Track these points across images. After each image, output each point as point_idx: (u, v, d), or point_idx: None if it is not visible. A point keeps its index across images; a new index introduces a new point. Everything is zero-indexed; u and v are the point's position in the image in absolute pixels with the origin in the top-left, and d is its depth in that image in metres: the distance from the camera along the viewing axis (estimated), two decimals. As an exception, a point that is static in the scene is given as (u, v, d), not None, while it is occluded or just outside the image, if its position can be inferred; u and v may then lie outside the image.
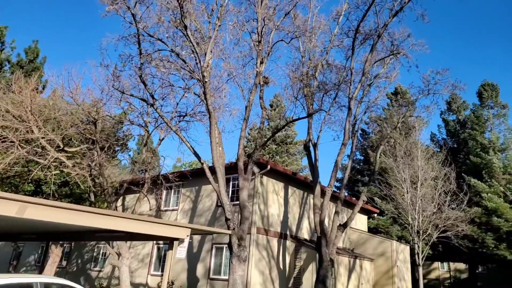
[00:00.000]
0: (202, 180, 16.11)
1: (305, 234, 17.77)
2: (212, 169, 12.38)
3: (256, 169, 15.17)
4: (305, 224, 17.97)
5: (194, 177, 16.98)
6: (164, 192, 18.28)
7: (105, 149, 15.37)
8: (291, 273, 15.85)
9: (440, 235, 24.42)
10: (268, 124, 34.51)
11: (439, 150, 31.11)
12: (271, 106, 34.86)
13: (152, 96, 13.52)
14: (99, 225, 7.35)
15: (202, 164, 12.83)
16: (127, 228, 7.91)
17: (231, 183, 15.95)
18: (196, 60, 12.76)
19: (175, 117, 16.39)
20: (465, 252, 28.34)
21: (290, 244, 16.37)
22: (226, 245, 13.37)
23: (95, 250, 20.36)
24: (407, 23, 34.98)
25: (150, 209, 18.45)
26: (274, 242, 15.71)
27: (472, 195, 26.84)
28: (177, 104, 16.44)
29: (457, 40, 77.07)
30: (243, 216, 12.01)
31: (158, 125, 16.13)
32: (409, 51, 16.55)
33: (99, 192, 16.12)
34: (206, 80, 12.27)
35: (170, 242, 9.29)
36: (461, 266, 37.56)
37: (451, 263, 37.92)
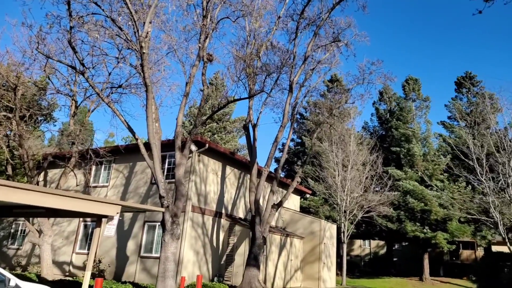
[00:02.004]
0: (137, 156, 15.48)
1: (240, 213, 18.04)
2: (148, 145, 11.91)
3: (194, 147, 14.93)
4: (241, 203, 18.22)
5: (127, 152, 16.24)
6: (94, 168, 17.27)
7: (26, 118, 13.98)
8: (224, 250, 16.07)
9: (364, 215, 26.40)
10: (208, 102, 34.01)
11: (370, 137, 33.20)
12: (211, 84, 34.31)
13: (82, 64, 12.48)
14: (16, 200, 6.71)
15: (137, 139, 12.28)
16: (48, 204, 7.34)
17: (167, 160, 15.53)
18: (134, 28, 11.96)
19: (107, 88, 15.40)
20: (385, 231, 31.01)
21: (225, 222, 16.53)
22: (159, 223, 13.10)
23: (13, 226, 18.78)
24: (351, 15, 36.11)
25: (77, 185, 17.36)
26: (209, 220, 15.75)
27: (394, 179, 29.18)
28: (110, 74, 15.44)
29: (393, 32, 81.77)
30: (178, 194, 11.80)
31: (88, 96, 15.03)
32: (351, 40, 17.14)
33: (19, 165, 14.75)
34: (144, 51, 11.60)
35: (97, 219, 8.82)
36: (380, 243, 41.11)
37: (372, 241, 41.30)
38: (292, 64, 16.36)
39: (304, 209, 29.01)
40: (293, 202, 23.39)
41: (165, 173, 15.34)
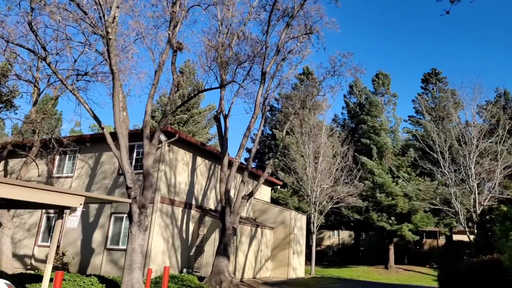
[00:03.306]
0: (103, 146, 15.00)
1: (211, 204, 17.94)
2: (115, 135, 11.54)
3: (163, 138, 14.65)
4: (211, 194, 18.11)
5: (93, 142, 15.72)
6: (58, 158, 16.61)
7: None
8: (194, 241, 15.97)
9: (334, 206, 26.96)
10: (177, 91, 33.39)
11: (341, 130, 33.80)
12: (181, 73, 33.69)
13: (44, 49, 11.89)
14: (-31, 191, 6.33)
15: (103, 128, 11.87)
16: (7, 195, 6.98)
17: (135, 150, 15.16)
18: (100, 13, 11.47)
19: (72, 75, 14.79)
20: (353, 221, 31.85)
21: (195, 213, 16.39)
22: (126, 215, 12.80)
23: (-30, 219, 17.82)
24: (324, 7, 36.35)
25: (39, 175, 16.67)
26: (179, 211, 15.56)
27: (364, 172, 29.92)
28: (76, 61, 14.84)
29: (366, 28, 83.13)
30: (146, 185, 11.55)
31: (52, 83, 14.37)
32: (322, 29, 17.20)
33: (-25, 154, 13.97)
34: (111, 37, 11.16)
35: (60, 211, 8.51)
36: (349, 233, 42.23)
37: (341, 231, 42.35)
38: (265, 55, 16.28)
39: (274, 201, 29.27)
40: (264, 193, 23.52)
41: (133, 163, 15.00)
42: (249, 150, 34.88)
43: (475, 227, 18.05)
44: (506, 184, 22.30)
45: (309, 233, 25.56)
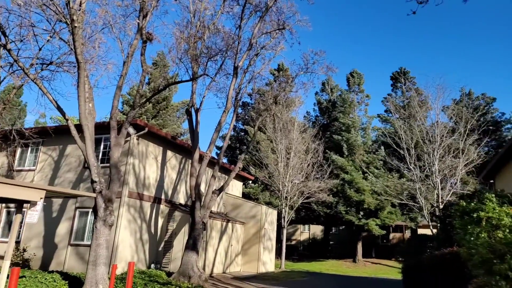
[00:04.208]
0: (68, 139, 14.45)
1: (181, 198, 17.72)
2: (80, 127, 11.15)
3: (132, 130, 14.31)
4: (182, 189, 17.89)
5: (58, 134, 15.13)
6: (19, 150, 15.89)
7: None
8: (163, 236, 15.74)
9: (304, 201, 27.32)
10: (149, 84, 32.72)
11: (312, 126, 34.22)
12: (154, 64, 32.97)
13: (4, 34, 11.28)
14: None
15: (67, 120, 11.45)
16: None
17: (102, 143, 14.73)
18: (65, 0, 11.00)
19: (37, 64, 14.12)
20: (323, 216, 32.40)
21: (164, 208, 16.14)
22: (92, 209, 12.43)
23: None
24: (297, 4, 36.49)
25: (-1, 168, 15.90)
26: (148, 205, 15.28)
27: (334, 167, 30.46)
28: (40, 49, 14.16)
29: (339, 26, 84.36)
30: (113, 179, 11.25)
31: (14, 71, 13.68)
32: (294, 26, 17.30)
33: None
34: (76, 25, 10.74)
35: (18, 205, 8.15)
36: (319, 228, 42.96)
37: (311, 226, 43.01)
38: (237, 49, 16.18)
39: (246, 196, 29.32)
40: (236, 188, 23.49)
41: (101, 156, 14.58)
42: (220, 147, 34.74)
43: (438, 222, 18.79)
44: (467, 180, 23.32)
45: (280, 227, 25.79)
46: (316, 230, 43.85)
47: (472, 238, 8.46)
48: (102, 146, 14.72)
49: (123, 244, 13.63)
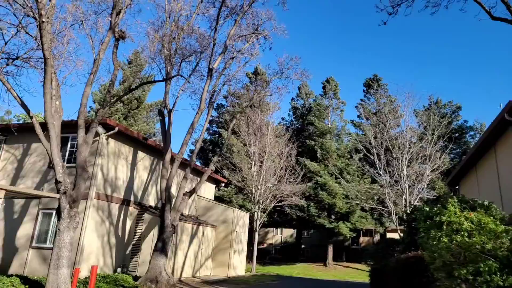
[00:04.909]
0: (33, 137, 13.85)
1: (151, 201, 17.39)
2: (45, 125, 10.74)
3: (101, 130, 13.94)
4: (152, 191, 17.55)
5: (22, 132, 14.53)
6: (-21, 147, 15.13)
7: None
8: (131, 239, 15.37)
9: (277, 204, 27.45)
10: (123, 83, 32.02)
11: (285, 131, 34.52)
12: (129, 63, 32.31)
13: (-35, 26, 10.74)
14: None
15: (31, 117, 11.01)
16: None
17: (70, 143, 14.25)
18: (34, -7, 10.61)
19: (1, 58, 13.53)
20: (295, 219, 32.66)
21: (133, 210, 15.78)
22: (56, 211, 11.97)
23: None
24: (272, 9, 36.77)
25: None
26: (116, 208, 14.88)
27: (306, 171, 30.80)
28: (6, 43, 13.58)
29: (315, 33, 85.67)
30: (79, 179, 10.88)
31: (-26, 65, 13.02)
32: (271, 33, 17.47)
33: None
34: (44, 20, 10.35)
35: (-26, 205, 7.74)
36: (291, 232, 43.25)
37: (283, 229, 43.24)
38: (212, 51, 16.11)
39: (219, 199, 29.16)
40: (209, 191, 23.29)
41: (67, 156, 14.11)
42: (192, 151, 34.45)
43: (405, 226, 19.31)
44: (434, 186, 24.14)
45: (251, 231, 25.77)
46: (288, 233, 44.12)
47: (434, 242, 8.73)
48: (69, 146, 14.24)
49: (88, 246, 13.21)
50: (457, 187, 18.15)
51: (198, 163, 33.44)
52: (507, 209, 10.78)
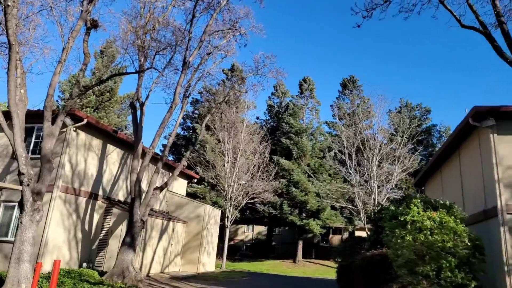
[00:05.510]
0: (-5, 126, 13.28)
1: (120, 195, 17.02)
2: (9, 114, 10.28)
3: (69, 121, 13.48)
4: (122, 185, 17.18)
5: (-16, 121, 13.82)
6: None
7: None
8: (98, 234, 14.99)
9: (249, 201, 27.53)
10: (94, 74, 31.07)
11: (260, 128, 34.63)
12: (102, 53, 31.39)
13: None
14: None
15: (-7, 105, 10.51)
16: None
17: (35, 133, 13.73)
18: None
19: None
20: (267, 217, 32.89)
21: (101, 204, 15.39)
22: (18, 203, 11.51)
23: None
24: (249, 6, 36.68)
25: None
26: (83, 201, 14.47)
27: (280, 169, 31.05)
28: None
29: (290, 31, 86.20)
30: (44, 171, 10.49)
31: None
32: (249, 31, 17.43)
33: None
34: (10, 3, 9.89)
35: None
36: (263, 229, 43.52)
37: (255, 226, 43.44)
38: (188, 45, 15.91)
39: (192, 195, 28.93)
40: (181, 186, 23.03)
41: (32, 147, 13.60)
42: (165, 145, 34.00)
43: (372, 224, 19.85)
44: (402, 186, 24.91)
45: (223, 227, 25.73)
46: (260, 230, 44.37)
47: (398, 240, 9.02)
48: (34, 136, 13.71)
49: (53, 240, 12.78)
50: (422, 187, 18.81)
51: (170, 158, 33.04)
52: (469, 210, 11.29)
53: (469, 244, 8.44)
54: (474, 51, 77.63)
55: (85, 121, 13.77)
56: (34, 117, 12.71)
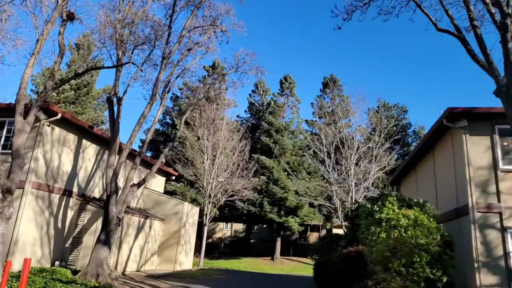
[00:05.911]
0: (-37, 119, 12.76)
1: (96, 192, 16.64)
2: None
3: (43, 116, 13.06)
4: (98, 182, 16.80)
5: (-50, 113, 13.24)
6: None
7: None
8: (71, 232, 14.61)
9: (228, 199, 27.47)
10: (69, 67, 30.22)
11: (241, 126, 34.60)
12: (77, 46, 30.55)
13: None
14: None
15: (-39, 97, 10.06)
16: None
17: (6, 127, 13.24)
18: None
19: None
20: (246, 214, 32.92)
21: (75, 201, 15.01)
22: (-13, 200, 11.06)
23: None
24: (230, 3, 36.53)
25: None
26: (57, 198, 14.07)
27: (259, 167, 31.11)
28: None
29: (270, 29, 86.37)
30: (15, 167, 10.12)
31: None
32: (230, 29, 17.34)
33: None
34: (-20, -10, 9.50)
35: None
36: (241, 226, 43.54)
37: (234, 224, 43.41)
38: (167, 40, 15.68)
39: (171, 192, 28.62)
40: (159, 183, 22.74)
41: (3, 142, 13.13)
42: (143, 141, 33.48)
43: (349, 222, 20.18)
44: (378, 184, 25.41)
45: (201, 225, 25.58)
46: (238, 228, 44.37)
47: (374, 238, 9.19)
48: (5, 130, 13.22)
49: (24, 238, 12.38)
50: (398, 186, 19.24)
51: (149, 155, 32.57)
52: (442, 208, 11.63)
53: (440, 241, 8.69)
54: (448, 52, 79.92)
55: (59, 115, 13.37)
56: (5, 111, 12.28)
